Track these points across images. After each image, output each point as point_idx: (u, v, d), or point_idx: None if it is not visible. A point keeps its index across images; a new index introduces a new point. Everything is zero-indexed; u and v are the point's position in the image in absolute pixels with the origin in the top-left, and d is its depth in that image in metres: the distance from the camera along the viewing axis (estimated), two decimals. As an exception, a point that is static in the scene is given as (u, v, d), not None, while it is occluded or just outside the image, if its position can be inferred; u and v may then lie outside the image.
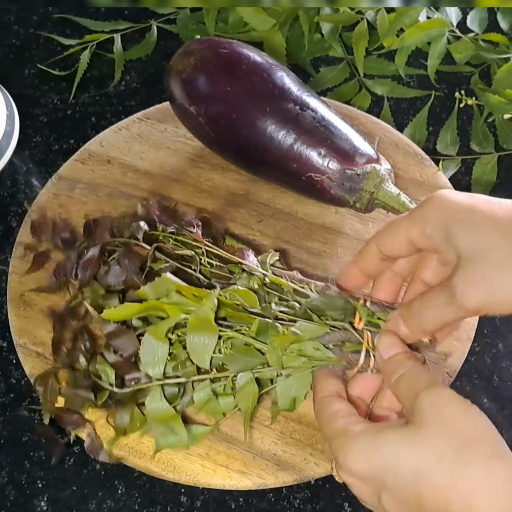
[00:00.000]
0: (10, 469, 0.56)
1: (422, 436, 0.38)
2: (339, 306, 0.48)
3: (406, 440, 0.38)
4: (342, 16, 0.75)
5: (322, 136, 0.55)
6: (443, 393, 0.39)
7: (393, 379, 0.43)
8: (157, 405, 0.49)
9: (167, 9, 0.80)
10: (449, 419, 0.38)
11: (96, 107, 0.75)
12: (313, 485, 0.55)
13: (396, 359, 0.44)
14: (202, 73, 0.58)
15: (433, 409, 0.38)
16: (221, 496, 0.54)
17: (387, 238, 0.45)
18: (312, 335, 0.48)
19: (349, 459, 0.39)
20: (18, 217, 0.67)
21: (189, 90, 0.59)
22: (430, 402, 0.39)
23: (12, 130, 0.67)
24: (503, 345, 0.60)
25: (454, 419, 0.38)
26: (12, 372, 0.60)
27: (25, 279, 0.58)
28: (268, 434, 0.52)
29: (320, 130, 0.56)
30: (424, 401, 0.39)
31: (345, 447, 0.40)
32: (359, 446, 0.39)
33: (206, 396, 0.50)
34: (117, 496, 0.55)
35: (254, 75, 0.57)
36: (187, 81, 0.59)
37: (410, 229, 0.43)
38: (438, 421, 0.38)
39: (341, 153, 0.55)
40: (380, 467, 0.38)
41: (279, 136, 0.56)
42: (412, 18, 0.73)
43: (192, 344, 0.49)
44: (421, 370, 0.42)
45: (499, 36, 0.74)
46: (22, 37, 0.80)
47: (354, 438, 0.40)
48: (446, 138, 0.71)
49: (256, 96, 0.57)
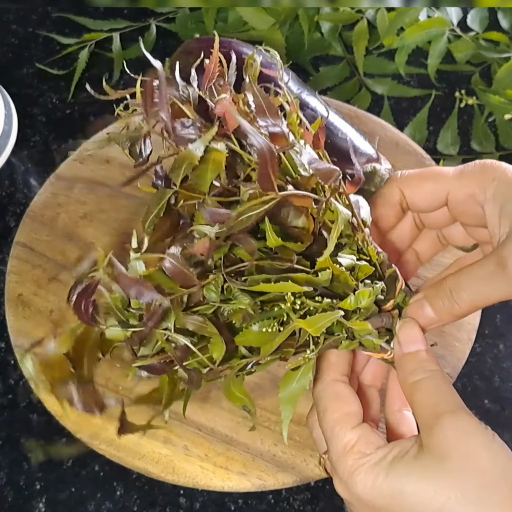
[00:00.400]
0: (8, 470, 0.56)
1: (443, 471, 0.34)
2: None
3: (426, 474, 0.35)
4: (342, 15, 0.75)
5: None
6: (469, 423, 0.36)
7: (411, 380, 0.39)
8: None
9: (166, 8, 0.80)
10: (474, 454, 0.35)
11: (94, 107, 0.74)
12: (313, 486, 0.55)
13: (418, 359, 0.39)
14: (201, 72, 0.58)
15: (457, 441, 0.35)
16: (220, 498, 0.54)
17: (419, 187, 0.41)
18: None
19: (360, 485, 0.36)
20: (16, 217, 0.67)
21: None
22: (454, 431, 0.35)
23: (10, 129, 0.67)
24: (504, 346, 0.60)
25: (479, 454, 0.35)
26: (10, 373, 0.59)
27: (23, 279, 0.58)
28: (267, 435, 0.52)
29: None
30: (447, 428, 0.35)
31: (355, 473, 0.36)
32: (372, 477, 0.36)
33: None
34: (115, 498, 0.54)
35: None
36: (187, 80, 0.58)
37: (456, 189, 0.40)
38: (462, 455, 0.35)
39: (341, 153, 0.55)
40: (394, 502, 0.35)
41: None
42: (412, 17, 0.73)
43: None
44: (445, 385, 0.38)
45: (499, 35, 0.74)
46: (21, 36, 0.80)
47: (367, 466, 0.36)
48: (447, 138, 0.71)
49: None
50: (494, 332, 0.61)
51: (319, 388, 0.41)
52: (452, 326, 0.55)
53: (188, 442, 0.52)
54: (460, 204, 0.40)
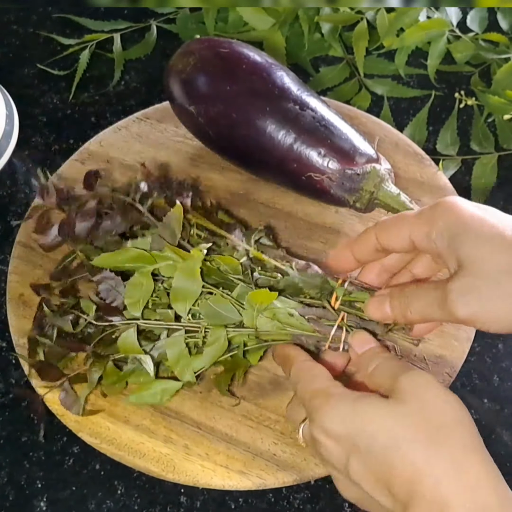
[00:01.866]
0: (9, 470, 0.56)
1: (401, 411, 0.39)
2: (317, 285, 0.51)
3: (386, 412, 0.39)
4: (342, 16, 0.75)
5: (322, 136, 0.55)
6: (424, 376, 0.40)
7: (369, 370, 0.44)
8: (130, 340, 0.50)
9: (167, 9, 0.80)
10: (429, 401, 0.39)
11: (95, 107, 0.75)
12: (313, 485, 0.55)
13: (371, 352, 0.46)
14: (201, 73, 0.58)
15: (414, 389, 0.39)
16: (220, 497, 0.54)
17: (389, 231, 0.45)
18: (289, 307, 0.50)
19: (328, 417, 0.40)
20: (18, 217, 0.67)
21: (188, 90, 0.59)
22: (411, 383, 0.40)
23: (11, 129, 0.67)
24: (503, 345, 0.60)
25: (434, 403, 0.39)
26: (12, 372, 0.59)
27: (24, 279, 0.58)
28: (268, 434, 0.52)
29: (320, 130, 0.55)
30: (405, 381, 0.40)
31: (325, 406, 0.41)
32: (339, 407, 0.40)
33: (178, 348, 0.50)
34: (116, 497, 0.55)
35: (253, 74, 0.57)
36: (187, 81, 0.59)
37: (415, 229, 0.43)
38: (418, 401, 0.39)
39: (341, 153, 0.55)
40: (357, 430, 0.39)
41: (279, 135, 0.56)
42: (412, 17, 0.73)
43: (175, 290, 0.50)
44: (397, 360, 0.45)
45: (499, 35, 0.74)
46: (21, 36, 0.80)
47: (335, 399, 0.41)
48: (446, 138, 0.71)
49: (256, 95, 0.57)
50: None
51: (293, 371, 0.47)
52: (451, 325, 0.55)
53: (188, 441, 0.52)
54: (420, 242, 0.43)
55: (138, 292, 0.51)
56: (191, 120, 0.60)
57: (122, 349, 0.51)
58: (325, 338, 0.50)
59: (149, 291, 0.51)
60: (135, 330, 0.51)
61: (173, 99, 0.61)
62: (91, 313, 0.52)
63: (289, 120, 0.56)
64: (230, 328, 0.51)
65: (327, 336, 0.49)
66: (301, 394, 0.44)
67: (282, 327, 0.50)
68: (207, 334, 0.51)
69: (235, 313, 0.50)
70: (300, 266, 0.52)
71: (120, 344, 0.51)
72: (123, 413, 0.53)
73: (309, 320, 0.50)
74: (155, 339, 0.52)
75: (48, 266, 0.58)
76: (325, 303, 0.50)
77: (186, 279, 0.50)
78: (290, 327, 0.50)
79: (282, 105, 0.56)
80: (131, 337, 0.50)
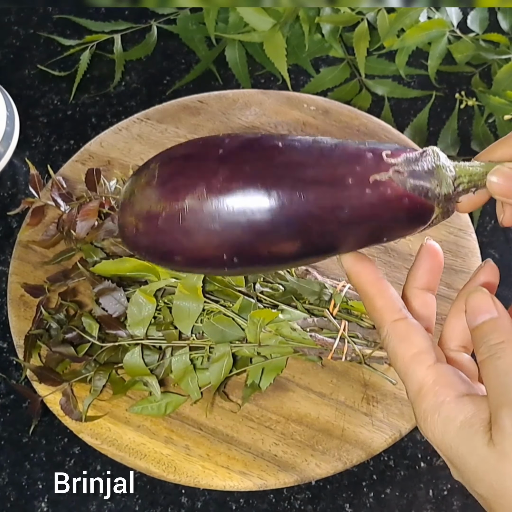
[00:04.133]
0: (10, 470, 0.56)
1: (502, 471, 0.32)
2: (316, 291, 0.51)
3: (489, 469, 0.33)
4: (343, 17, 0.75)
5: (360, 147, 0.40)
6: None
7: (482, 357, 0.35)
8: (135, 362, 0.50)
9: (167, 10, 0.80)
10: None
11: (96, 108, 0.75)
12: (314, 486, 0.55)
13: (490, 328, 0.35)
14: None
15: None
16: (221, 497, 0.54)
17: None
18: (291, 319, 0.51)
19: (430, 434, 0.35)
20: (18, 217, 0.67)
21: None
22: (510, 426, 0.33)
23: (12, 130, 0.67)
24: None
25: None
26: (13, 373, 0.59)
27: (25, 280, 0.58)
28: (269, 435, 0.52)
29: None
30: (506, 420, 0.33)
31: (428, 418, 0.35)
32: (442, 429, 0.34)
33: (184, 365, 0.51)
34: (117, 498, 0.55)
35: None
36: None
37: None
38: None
39: (387, 147, 0.42)
40: (458, 465, 0.34)
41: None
42: (413, 18, 0.73)
43: (178, 309, 0.51)
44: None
45: (499, 36, 0.74)
46: (22, 37, 0.80)
47: (441, 418, 0.34)
48: (447, 139, 0.71)
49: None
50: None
51: (382, 337, 0.38)
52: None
53: (189, 442, 0.52)
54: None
55: (140, 312, 0.51)
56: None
57: (128, 370, 0.51)
58: (327, 349, 0.50)
59: (151, 313, 0.51)
60: (140, 350, 0.51)
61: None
62: (94, 333, 0.52)
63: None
64: (233, 344, 0.51)
65: (329, 348, 0.50)
66: (398, 371, 0.37)
67: (285, 341, 0.50)
68: (212, 349, 0.51)
69: (238, 330, 0.51)
70: (299, 272, 0.53)
71: (125, 365, 0.51)
72: (124, 414, 0.53)
73: (311, 331, 0.50)
74: (159, 353, 0.52)
75: (49, 267, 0.58)
76: (325, 312, 0.51)
77: (188, 298, 0.50)
78: (293, 341, 0.51)
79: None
80: (136, 359, 0.51)
